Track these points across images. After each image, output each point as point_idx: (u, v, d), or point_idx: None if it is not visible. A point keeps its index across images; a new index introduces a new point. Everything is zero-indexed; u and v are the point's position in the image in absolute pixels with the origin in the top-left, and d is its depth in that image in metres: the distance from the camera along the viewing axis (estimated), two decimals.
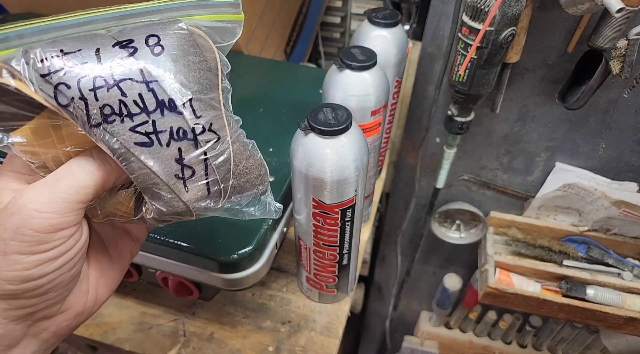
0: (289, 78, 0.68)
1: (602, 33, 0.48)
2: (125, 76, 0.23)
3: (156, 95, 0.24)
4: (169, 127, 0.24)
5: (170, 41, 0.25)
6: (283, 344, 0.52)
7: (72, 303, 0.27)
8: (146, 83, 0.24)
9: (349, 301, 0.56)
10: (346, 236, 0.45)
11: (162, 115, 0.24)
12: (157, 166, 0.24)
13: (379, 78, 0.47)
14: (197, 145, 0.25)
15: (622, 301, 0.69)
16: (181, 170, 0.25)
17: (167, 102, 0.24)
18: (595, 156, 0.67)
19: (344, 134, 0.39)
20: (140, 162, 0.24)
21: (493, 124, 0.69)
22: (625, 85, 0.58)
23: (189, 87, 0.25)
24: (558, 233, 0.76)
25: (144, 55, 0.24)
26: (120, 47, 0.24)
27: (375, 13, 0.52)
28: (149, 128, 0.24)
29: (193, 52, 0.25)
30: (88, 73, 0.23)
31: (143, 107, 0.24)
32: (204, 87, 0.26)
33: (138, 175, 0.24)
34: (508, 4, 0.47)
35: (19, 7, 0.79)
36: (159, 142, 0.24)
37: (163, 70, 0.24)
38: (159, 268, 0.50)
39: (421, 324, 1.04)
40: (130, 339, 0.52)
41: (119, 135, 0.23)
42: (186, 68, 0.25)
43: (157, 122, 0.24)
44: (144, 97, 0.24)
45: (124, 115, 0.23)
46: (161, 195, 0.25)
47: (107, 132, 0.23)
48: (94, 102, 0.23)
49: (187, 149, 0.25)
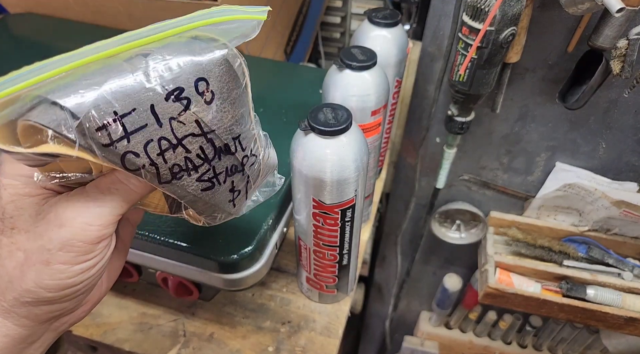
0: (289, 78, 0.68)
1: (602, 33, 0.48)
2: (187, 133, 0.24)
3: (214, 144, 0.26)
4: (225, 167, 0.27)
5: (217, 82, 0.25)
6: (283, 344, 0.52)
7: (90, 296, 0.28)
8: (204, 135, 0.25)
9: (349, 302, 0.56)
10: (346, 237, 0.45)
11: (219, 160, 0.26)
12: (217, 199, 0.28)
13: (379, 78, 0.47)
14: (244, 173, 0.29)
15: (622, 301, 0.69)
16: (232, 195, 0.29)
17: (223, 147, 0.26)
18: (596, 156, 0.67)
19: (344, 134, 0.39)
20: (206, 202, 0.27)
21: (493, 124, 0.69)
22: (625, 85, 0.58)
23: (237, 124, 0.27)
24: (558, 233, 0.76)
25: (197, 106, 0.24)
26: (173, 100, 0.23)
27: (376, 13, 0.52)
28: (210, 175, 0.26)
29: (235, 86, 0.26)
30: (152, 137, 0.23)
31: (205, 158, 0.26)
32: (245, 119, 0.28)
33: (202, 209, 0.28)
34: (508, 4, 0.47)
35: (19, 7, 0.79)
36: (219, 182, 0.27)
37: (216, 118, 0.25)
38: (159, 269, 0.50)
39: (421, 324, 1.04)
40: (130, 340, 0.52)
41: (188, 186, 0.26)
42: (232, 106, 0.26)
43: (216, 166, 0.27)
44: (204, 149, 0.25)
45: (190, 169, 0.25)
46: (216, 216, 0.29)
47: (177, 187, 0.25)
48: (163, 165, 0.24)
49: (237, 178, 0.29)
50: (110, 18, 0.73)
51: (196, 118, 0.24)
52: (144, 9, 0.68)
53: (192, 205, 0.27)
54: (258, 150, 0.30)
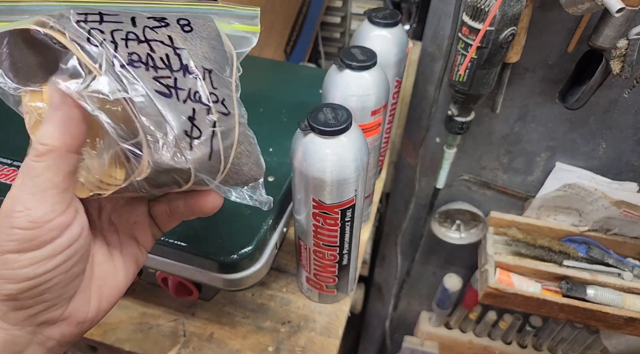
0: (289, 78, 0.68)
1: (602, 33, 0.48)
2: (156, 39, 0.25)
3: (181, 59, 0.26)
4: (188, 87, 0.26)
5: (199, 25, 0.27)
6: (283, 344, 0.52)
7: (74, 309, 0.27)
8: (174, 48, 0.26)
9: (349, 302, 0.56)
10: (346, 237, 0.45)
11: (183, 76, 0.26)
12: (171, 116, 0.25)
13: (379, 78, 0.47)
14: (209, 111, 0.26)
15: (622, 302, 0.69)
16: (191, 129, 0.26)
17: (190, 67, 0.26)
18: (596, 156, 0.67)
19: (344, 134, 0.39)
20: (156, 108, 0.24)
21: (493, 124, 0.69)
22: (625, 85, 0.58)
23: (211, 61, 0.27)
24: (558, 233, 0.76)
25: (174, 29, 0.26)
26: (154, 20, 0.26)
27: (376, 13, 0.52)
28: (170, 82, 0.25)
29: (216, 39, 0.28)
30: (122, 29, 0.25)
31: (168, 64, 0.25)
32: (222, 68, 0.28)
33: (151, 120, 0.24)
34: (508, 4, 0.47)
35: None
36: (177, 97, 0.25)
37: (190, 43, 0.26)
38: (159, 268, 0.50)
39: (421, 324, 1.04)
40: (130, 340, 0.52)
41: (142, 79, 0.24)
42: (210, 49, 0.27)
43: (179, 80, 0.25)
44: (170, 58, 0.25)
45: (150, 65, 0.25)
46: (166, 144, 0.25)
47: (130, 74, 0.24)
48: (123, 47, 0.24)
49: (200, 111, 0.26)
50: None
51: (169, 34, 0.26)
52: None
53: (141, 106, 0.24)
54: (233, 109, 0.28)
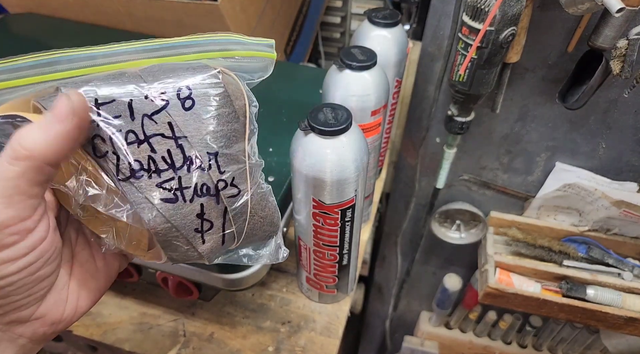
0: (289, 78, 0.68)
1: (602, 33, 0.48)
2: (156, 132, 0.24)
3: (184, 151, 0.24)
4: (194, 183, 0.25)
5: (202, 94, 0.25)
6: (283, 344, 0.52)
7: (48, 309, 0.26)
8: (175, 139, 0.24)
9: (349, 302, 0.56)
10: (346, 237, 0.45)
11: (188, 172, 0.25)
12: (179, 221, 0.25)
13: (379, 78, 0.47)
14: (218, 200, 0.26)
15: (622, 302, 0.69)
16: (201, 224, 0.26)
17: (193, 158, 0.25)
18: (596, 156, 0.67)
19: (344, 134, 0.39)
20: (163, 217, 0.24)
21: (493, 124, 0.69)
22: (625, 85, 0.58)
23: (217, 141, 0.25)
24: (558, 233, 0.76)
25: (174, 109, 0.24)
26: (151, 100, 0.24)
27: (375, 13, 0.52)
28: (174, 185, 0.24)
29: (223, 103, 0.26)
30: (122, 128, 0.23)
31: (171, 163, 0.24)
32: (231, 140, 0.26)
33: (160, 229, 0.24)
34: (508, 4, 0.47)
35: (19, 7, 0.79)
36: (183, 198, 0.25)
37: (192, 126, 0.24)
38: (159, 268, 0.50)
39: (421, 324, 1.04)
40: (130, 340, 0.52)
41: (145, 190, 0.24)
42: (215, 122, 0.25)
43: (183, 178, 0.24)
44: (172, 154, 0.24)
45: (152, 171, 0.24)
46: (178, 246, 0.26)
47: (134, 187, 0.24)
48: (124, 157, 0.23)
49: (209, 204, 0.25)
50: (110, 18, 0.73)
51: (170, 120, 0.24)
52: (144, 9, 0.68)
53: (155, 227, 0.24)
54: (245, 186, 0.27)
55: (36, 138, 0.21)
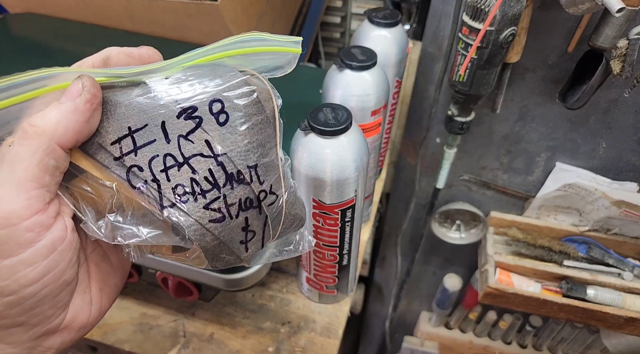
0: (289, 78, 0.68)
1: (602, 33, 0.48)
2: (195, 152, 0.23)
3: (225, 168, 0.24)
4: (238, 199, 0.24)
5: (234, 106, 0.24)
6: (283, 344, 0.52)
7: (75, 315, 0.25)
8: (214, 157, 0.23)
9: (349, 302, 0.56)
10: (346, 237, 0.45)
11: (232, 189, 0.24)
12: (227, 237, 0.24)
13: (379, 78, 0.47)
14: (260, 211, 0.26)
15: (623, 301, 0.69)
16: (245, 236, 0.26)
17: (235, 174, 0.24)
18: (596, 156, 0.67)
19: (344, 134, 0.39)
20: (214, 236, 0.24)
21: (493, 124, 0.69)
22: (625, 85, 0.58)
23: (255, 152, 0.25)
24: (558, 233, 0.76)
25: (209, 126, 0.23)
26: (185, 118, 0.23)
27: (376, 13, 0.52)
28: (220, 204, 0.24)
29: (256, 111, 0.25)
30: (158, 153, 0.23)
31: (214, 183, 0.23)
32: (266, 148, 0.25)
33: (210, 247, 0.24)
34: (508, 4, 0.47)
35: (19, 7, 0.79)
36: (230, 215, 0.24)
37: (229, 140, 0.24)
38: (159, 269, 0.50)
39: (421, 324, 1.04)
40: (130, 340, 0.52)
41: (193, 213, 0.23)
42: (250, 132, 0.24)
43: (228, 196, 0.24)
44: (214, 172, 0.23)
45: (197, 193, 0.23)
46: (224, 258, 0.25)
47: (181, 211, 0.23)
48: (166, 182, 0.23)
49: (252, 216, 0.25)
50: (111, 18, 0.73)
51: (206, 138, 0.23)
52: (144, 10, 0.68)
53: (205, 245, 0.24)
54: (281, 190, 0.27)
55: (46, 115, 0.21)
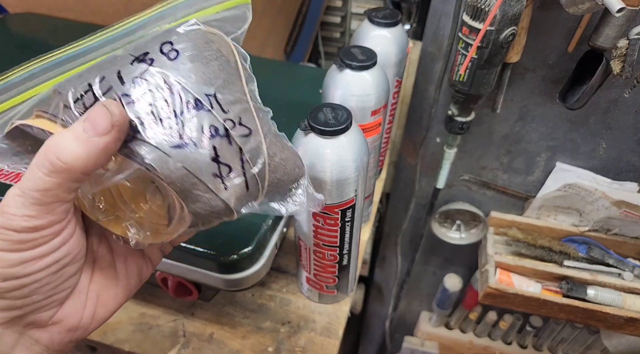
0: (289, 78, 0.68)
1: (602, 33, 0.47)
2: (149, 88, 0.24)
3: (181, 97, 0.24)
4: (200, 126, 0.24)
5: (184, 42, 0.25)
6: (283, 344, 0.52)
7: (67, 314, 0.26)
8: (169, 88, 0.24)
9: (349, 302, 0.56)
10: (346, 237, 0.45)
11: (190, 116, 0.24)
12: (193, 165, 0.24)
13: (379, 78, 0.47)
14: (230, 141, 0.25)
15: (623, 302, 0.69)
16: (218, 169, 0.25)
17: (193, 101, 0.24)
18: (596, 156, 0.67)
19: (344, 134, 0.38)
20: (176, 163, 0.24)
21: (493, 124, 0.69)
22: (626, 85, 0.58)
23: (211, 82, 0.25)
24: (558, 233, 0.76)
25: (161, 63, 0.24)
26: (138, 62, 0.24)
27: (376, 13, 0.52)
28: (180, 131, 0.24)
29: (207, 47, 0.26)
30: (115, 96, 0.23)
31: (172, 111, 0.24)
32: (226, 81, 0.26)
33: (176, 177, 0.24)
34: (508, 4, 0.47)
35: (19, 7, 0.79)
36: (193, 142, 0.24)
37: (183, 72, 0.24)
38: (159, 269, 0.50)
39: (421, 324, 1.04)
40: (129, 340, 0.52)
41: (152, 139, 0.23)
42: (204, 65, 0.25)
43: (187, 123, 0.24)
44: (170, 102, 0.24)
45: (154, 122, 0.23)
46: (200, 196, 0.25)
47: (141, 142, 0.23)
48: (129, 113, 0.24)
49: (221, 146, 0.25)
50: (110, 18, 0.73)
51: (159, 72, 0.24)
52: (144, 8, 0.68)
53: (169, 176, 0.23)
54: (256, 127, 0.26)
55: (76, 152, 0.22)
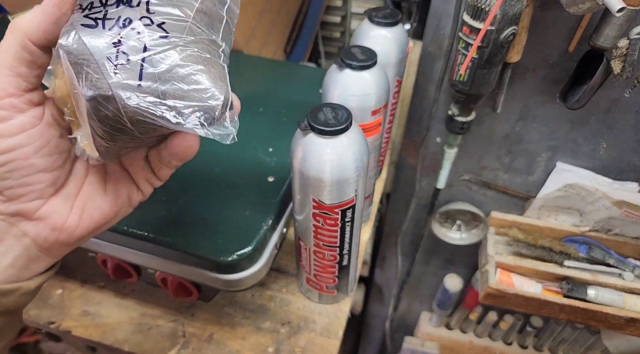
0: (289, 78, 0.68)
1: (603, 32, 0.47)
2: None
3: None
4: (118, 15, 0.25)
5: None
6: (283, 345, 0.52)
7: (51, 212, 0.28)
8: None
9: (349, 302, 0.56)
10: (346, 237, 0.45)
11: (116, 8, 0.25)
12: (92, 42, 0.24)
13: (380, 78, 0.47)
14: (141, 36, 0.25)
15: (623, 302, 0.69)
16: (115, 54, 0.25)
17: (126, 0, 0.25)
18: (597, 156, 0.67)
19: (344, 134, 0.38)
20: (78, 36, 0.24)
21: (494, 124, 0.69)
22: (626, 85, 0.57)
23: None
24: (559, 233, 0.76)
25: None
26: None
27: (376, 12, 0.52)
28: (99, 16, 0.25)
29: None
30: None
31: (104, 2, 0.25)
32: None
33: (73, 48, 0.24)
34: (509, 3, 0.47)
35: (19, 7, 0.79)
36: (103, 26, 0.25)
37: None
38: (158, 269, 0.50)
39: (421, 325, 1.04)
40: (129, 340, 0.52)
41: (74, 20, 0.25)
42: None
43: (109, 12, 0.25)
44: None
45: (86, 7, 0.25)
46: (89, 74, 0.25)
47: (69, 20, 0.25)
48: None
49: (129, 37, 0.25)
50: None
51: None
52: None
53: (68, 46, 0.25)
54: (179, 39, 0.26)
55: (24, 15, 0.25)
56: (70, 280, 0.58)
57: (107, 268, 0.53)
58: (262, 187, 0.50)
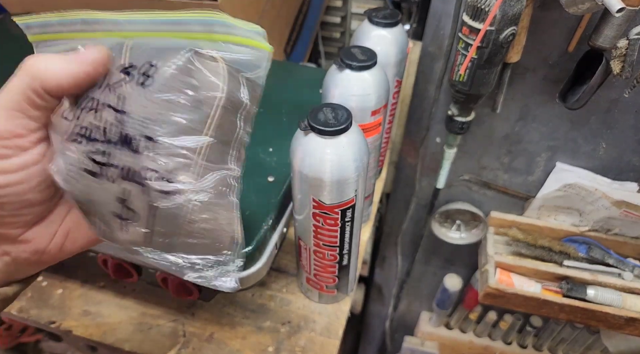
0: (289, 78, 0.68)
1: (602, 33, 0.47)
2: (107, 101, 0.23)
3: (122, 127, 0.23)
4: (122, 164, 0.23)
5: (163, 74, 0.23)
6: (283, 344, 0.52)
7: (35, 236, 0.28)
8: (117, 112, 0.23)
9: (349, 302, 0.56)
10: (346, 237, 0.45)
11: (119, 151, 0.23)
12: (98, 197, 0.24)
13: (379, 78, 0.47)
14: (145, 191, 0.23)
15: (623, 302, 0.69)
16: (121, 211, 0.24)
17: (125, 137, 0.23)
18: (596, 156, 0.67)
19: (344, 134, 0.38)
20: (83, 188, 0.24)
21: (494, 124, 0.69)
22: (626, 85, 0.58)
23: (160, 126, 0.23)
24: (559, 233, 0.76)
25: (132, 83, 0.23)
26: (121, 71, 0.24)
27: (376, 13, 0.52)
28: (101, 159, 0.23)
29: (181, 87, 0.23)
30: (89, 94, 0.24)
31: (105, 135, 0.23)
32: (180, 131, 0.23)
33: (80, 198, 0.24)
34: (509, 4, 0.47)
35: (19, 7, 0.79)
36: (106, 176, 0.23)
37: (138, 103, 0.23)
38: (159, 268, 0.50)
39: (421, 324, 1.04)
40: (129, 340, 0.52)
41: (75, 151, 0.23)
42: (163, 105, 0.23)
43: (112, 154, 0.23)
44: (110, 126, 0.23)
45: (88, 137, 0.23)
46: (97, 223, 0.25)
47: (70, 150, 0.24)
48: (77, 120, 0.24)
49: (134, 192, 0.23)
50: None
51: (121, 92, 0.23)
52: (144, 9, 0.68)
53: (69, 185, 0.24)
54: (188, 187, 0.24)
55: (47, 63, 0.24)
56: (70, 279, 0.58)
57: (108, 267, 0.53)
58: (262, 187, 0.50)
